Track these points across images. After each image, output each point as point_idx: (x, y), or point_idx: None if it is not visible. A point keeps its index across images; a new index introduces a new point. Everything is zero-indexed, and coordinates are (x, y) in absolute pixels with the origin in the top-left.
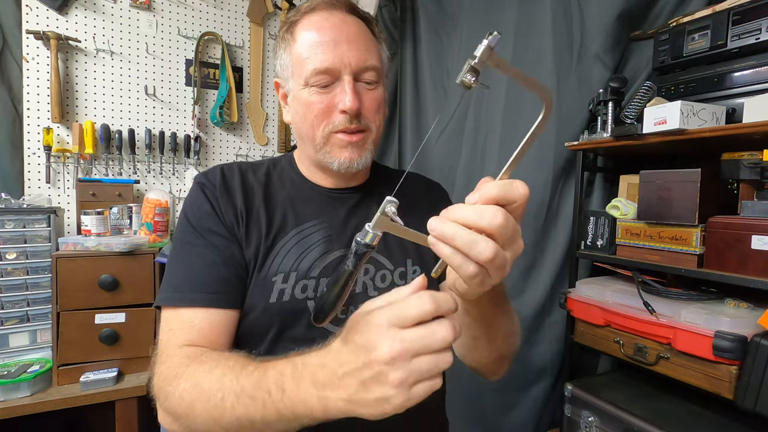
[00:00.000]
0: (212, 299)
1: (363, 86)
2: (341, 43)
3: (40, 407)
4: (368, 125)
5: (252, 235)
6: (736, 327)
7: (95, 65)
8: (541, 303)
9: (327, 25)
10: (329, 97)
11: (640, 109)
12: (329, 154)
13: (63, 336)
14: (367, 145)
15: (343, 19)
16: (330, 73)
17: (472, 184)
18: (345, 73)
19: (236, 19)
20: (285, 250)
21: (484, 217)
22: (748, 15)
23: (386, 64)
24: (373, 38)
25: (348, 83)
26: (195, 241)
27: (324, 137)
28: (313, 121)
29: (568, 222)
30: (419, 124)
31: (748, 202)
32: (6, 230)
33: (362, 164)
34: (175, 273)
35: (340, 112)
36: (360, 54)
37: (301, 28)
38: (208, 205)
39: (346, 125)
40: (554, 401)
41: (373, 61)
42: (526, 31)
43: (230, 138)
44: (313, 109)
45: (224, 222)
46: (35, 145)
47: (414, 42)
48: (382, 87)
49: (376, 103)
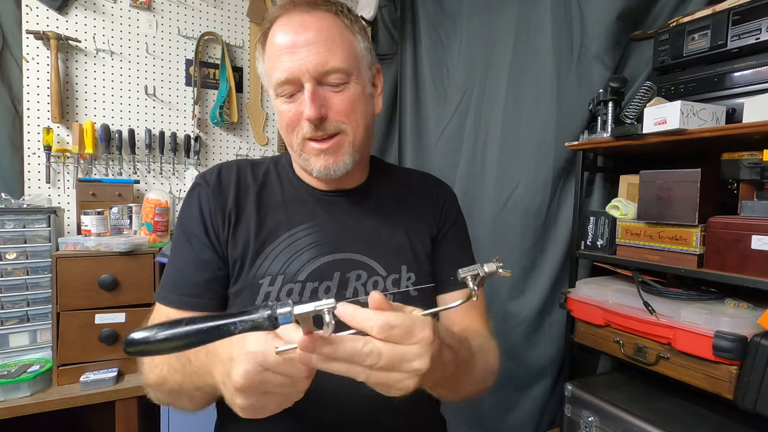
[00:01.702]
0: (184, 302)
1: (329, 89)
2: (299, 49)
3: (40, 407)
4: (340, 127)
5: (240, 235)
6: (736, 327)
7: (95, 65)
8: (541, 303)
9: (287, 30)
10: (296, 105)
11: (640, 109)
12: (307, 162)
13: (63, 336)
14: (343, 149)
15: (302, 20)
16: (291, 82)
17: (473, 184)
18: (305, 80)
19: (236, 19)
20: (275, 254)
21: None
22: (748, 15)
23: (364, 56)
24: (342, 32)
25: (308, 91)
26: (180, 241)
27: (299, 144)
28: (287, 129)
29: (568, 222)
30: (419, 124)
31: (748, 202)
32: (6, 230)
33: (341, 169)
34: (167, 271)
35: (306, 120)
36: (319, 57)
37: (269, 38)
38: (196, 209)
39: (313, 133)
40: (554, 401)
41: (334, 62)
42: (526, 31)
43: (230, 138)
44: (284, 119)
45: (207, 226)
46: (35, 145)
47: (414, 42)
48: (355, 84)
49: (348, 103)
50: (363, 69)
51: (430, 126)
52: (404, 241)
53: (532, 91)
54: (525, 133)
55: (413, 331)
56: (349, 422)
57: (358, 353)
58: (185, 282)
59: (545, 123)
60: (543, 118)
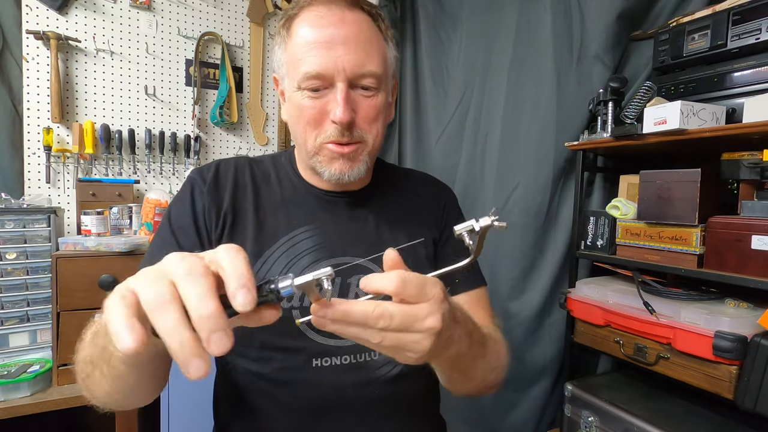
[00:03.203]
0: None
1: (360, 93)
2: (337, 46)
3: (40, 407)
4: (362, 136)
5: (237, 237)
6: (736, 327)
7: (95, 65)
8: (541, 303)
9: (324, 23)
10: (321, 103)
11: (640, 109)
12: (320, 164)
13: (63, 336)
14: (361, 157)
15: (342, 16)
16: (322, 78)
17: (472, 184)
18: (339, 79)
19: (236, 19)
20: (273, 258)
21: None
22: (748, 15)
23: (392, 65)
24: (377, 37)
25: (341, 91)
26: (165, 236)
27: (315, 147)
28: (305, 127)
29: (568, 222)
30: (419, 124)
31: (748, 202)
32: (6, 230)
33: (354, 176)
34: (142, 265)
35: (331, 122)
36: (357, 58)
37: (297, 25)
38: (188, 204)
39: (338, 138)
40: (554, 401)
41: (371, 66)
42: (526, 31)
43: (230, 138)
44: (305, 115)
45: (199, 224)
46: (35, 145)
47: (414, 42)
48: (383, 93)
49: (374, 111)
50: (389, 78)
51: (430, 126)
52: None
53: (532, 91)
54: (525, 133)
55: (425, 288)
56: (349, 428)
57: (370, 315)
58: None
59: (545, 123)
60: (543, 117)
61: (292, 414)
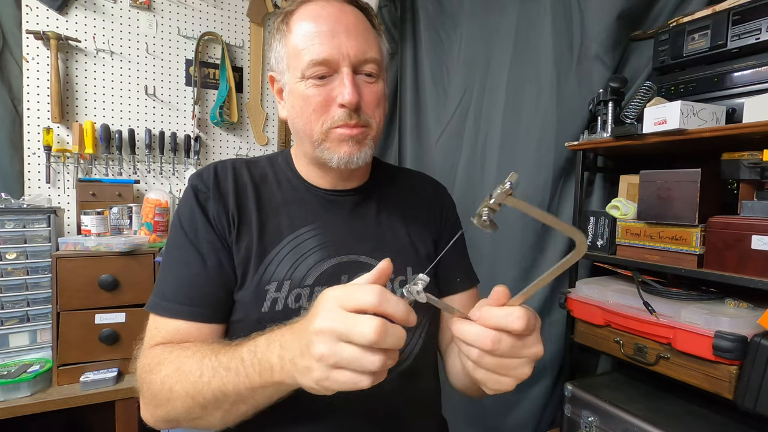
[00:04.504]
0: (196, 314)
1: (363, 79)
2: (339, 34)
3: (40, 407)
4: (368, 121)
5: (243, 239)
6: (736, 327)
7: (95, 65)
8: (541, 303)
9: (324, 14)
10: (327, 90)
11: (640, 109)
12: (328, 150)
13: (63, 336)
14: (367, 141)
15: (341, 8)
16: (328, 64)
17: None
18: (343, 64)
19: (236, 19)
20: (279, 258)
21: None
22: (748, 15)
23: (386, 58)
24: (372, 30)
25: (347, 75)
26: (185, 246)
27: (323, 133)
28: (310, 115)
29: (568, 222)
30: (419, 124)
31: (748, 202)
32: (6, 230)
33: (362, 160)
34: (166, 279)
35: (338, 106)
36: (359, 45)
37: (297, 19)
38: (199, 210)
39: (346, 120)
40: (554, 401)
41: (372, 53)
42: (526, 31)
43: (230, 138)
44: (311, 103)
45: (215, 228)
46: (35, 145)
47: (414, 42)
48: (382, 81)
49: (376, 97)
50: (385, 69)
51: (430, 126)
52: (407, 242)
53: (532, 91)
54: (525, 133)
55: (534, 320)
56: (352, 428)
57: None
58: (195, 291)
59: (545, 123)
60: (543, 117)
61: (295, 423)
